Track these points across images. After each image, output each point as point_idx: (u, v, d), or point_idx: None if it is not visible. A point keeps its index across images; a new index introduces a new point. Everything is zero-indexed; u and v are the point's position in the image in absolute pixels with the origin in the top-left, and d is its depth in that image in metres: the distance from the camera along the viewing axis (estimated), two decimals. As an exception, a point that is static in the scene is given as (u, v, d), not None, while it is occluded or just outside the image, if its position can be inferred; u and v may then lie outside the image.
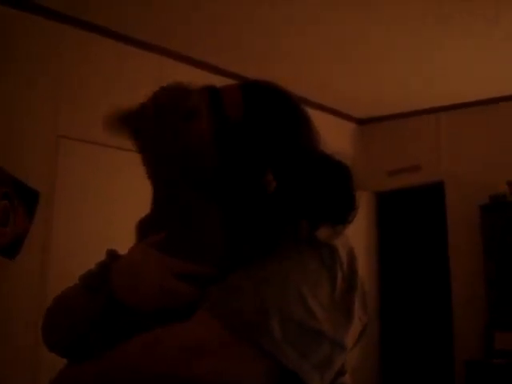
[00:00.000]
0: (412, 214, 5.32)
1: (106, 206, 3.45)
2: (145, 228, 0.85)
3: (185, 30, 3.65)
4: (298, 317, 0.68)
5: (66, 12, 3.37)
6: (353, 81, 4.52)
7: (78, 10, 3.37)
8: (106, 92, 3.60)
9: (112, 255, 0.87)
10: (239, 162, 0.80)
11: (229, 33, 3.68)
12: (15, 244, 3.04)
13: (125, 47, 3.71)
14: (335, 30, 3.65)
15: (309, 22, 3.53)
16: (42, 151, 3.26)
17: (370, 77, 4.43)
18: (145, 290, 0.76)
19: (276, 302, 0.68)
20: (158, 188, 0.85)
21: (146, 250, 0.79)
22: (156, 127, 0.82)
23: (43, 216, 3.19)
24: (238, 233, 0.75)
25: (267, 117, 0.84)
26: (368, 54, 4.02)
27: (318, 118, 0.97)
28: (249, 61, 4.06)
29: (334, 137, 0.92)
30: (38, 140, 3.26)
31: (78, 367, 0.75)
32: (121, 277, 0.79)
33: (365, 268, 4.75)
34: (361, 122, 5.49)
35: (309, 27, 3.60)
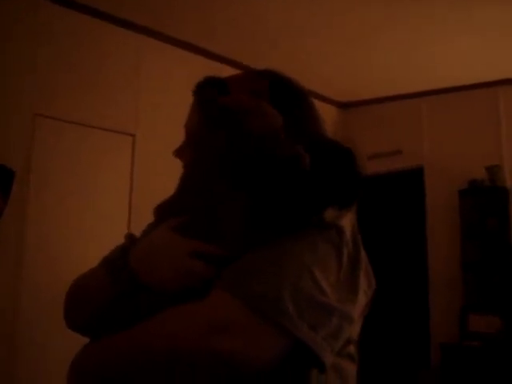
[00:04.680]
0: (391, 199, 5.35)
1: (82, 184, 3.39)
2: (164, 212, 0.89)
3: (163, 8, 3.58)
4: (309, 293, 0.73)
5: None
6: (334, 65, 4.50)
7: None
8: (83, 70, 3.52)
9: (131, 238, 0.92)
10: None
11: (209, 12, 3.62)
12: (-10, 224, 2.98)
13: (103, 24, 3.63)
14: (317, 14, 3.61)
15: (289, 5, 3.48)
16: (18, 129, 3.18)
17: (351, 61, 4.42)
18: (163, 270, 0.81)
19: (291, 282, 0.73)
20: (191, 175, 0.88)
21: (164, 232, 0.84)
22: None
23: (19, 195, 3.12)
24: (258, 218, 0.78)
25: (277, 105, 0.86)
26: (350, 39, 4.00)
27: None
28: (229, 41, 4.01)
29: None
30: (14, 118, 3.18)
31: (100, 343, 0.79)
32: (140, 258, 0.84)
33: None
34: (342, 105, 5.49)
35: (290, 11, 3.56)
